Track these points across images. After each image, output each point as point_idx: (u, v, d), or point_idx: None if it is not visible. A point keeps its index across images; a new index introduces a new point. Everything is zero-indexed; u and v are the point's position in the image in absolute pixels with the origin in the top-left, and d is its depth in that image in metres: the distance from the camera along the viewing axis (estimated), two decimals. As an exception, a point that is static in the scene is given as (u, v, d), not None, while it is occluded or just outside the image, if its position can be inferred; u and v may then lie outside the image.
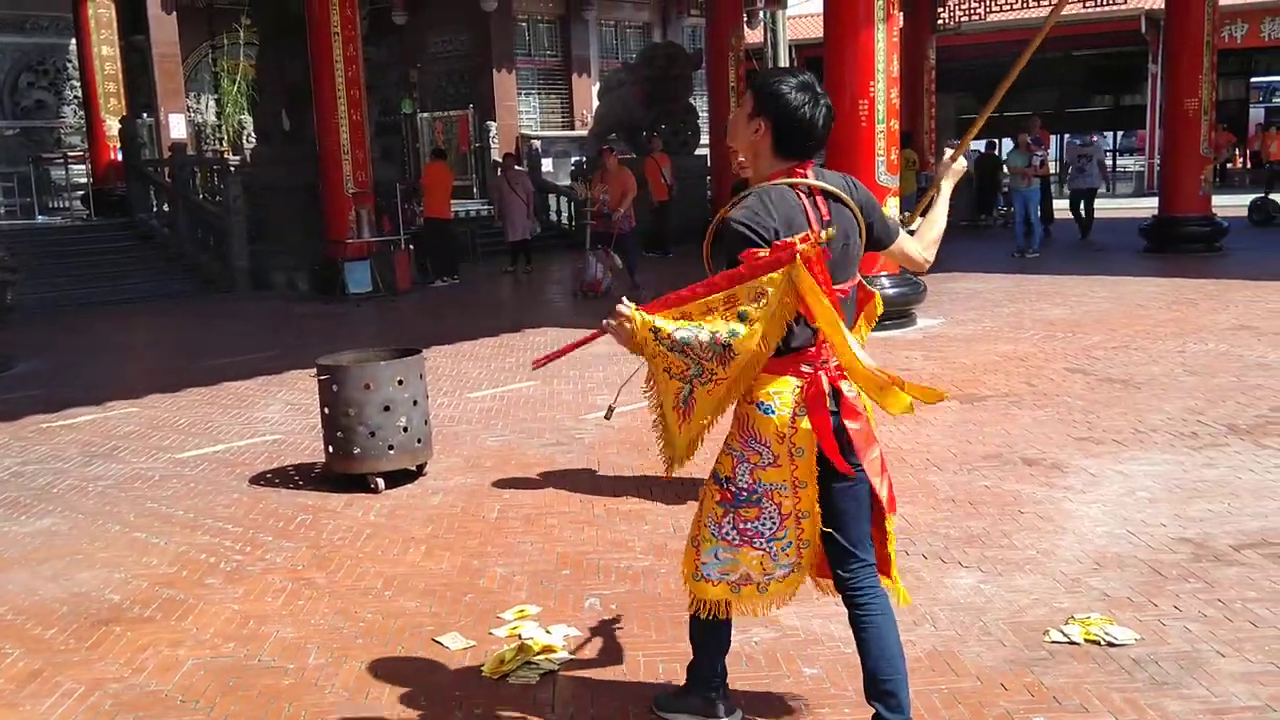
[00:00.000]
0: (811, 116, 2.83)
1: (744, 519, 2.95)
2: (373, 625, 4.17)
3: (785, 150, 2.87)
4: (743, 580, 3.02)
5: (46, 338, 11.99)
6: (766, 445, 2.88)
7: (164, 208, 17.49)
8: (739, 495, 2.95)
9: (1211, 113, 15.46)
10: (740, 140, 2.93)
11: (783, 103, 2.83)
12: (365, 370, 5.86)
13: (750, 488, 2.93)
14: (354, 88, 14.50)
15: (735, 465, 2.94)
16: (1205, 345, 8.77)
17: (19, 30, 21.06)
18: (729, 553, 3.00)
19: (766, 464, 2.89)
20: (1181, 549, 4.54)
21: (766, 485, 2.91)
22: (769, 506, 2.93)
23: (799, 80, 2.87)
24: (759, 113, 2.87)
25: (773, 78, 2.89)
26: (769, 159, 2.89)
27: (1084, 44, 28.57)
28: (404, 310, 13.70)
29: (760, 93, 2.87)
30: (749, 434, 2.91)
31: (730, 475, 2.95)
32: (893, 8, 10.00)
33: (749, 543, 2.97)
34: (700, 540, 3.05)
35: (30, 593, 4.68)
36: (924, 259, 3.12)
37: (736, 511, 2.96)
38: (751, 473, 2.92)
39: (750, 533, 2.96)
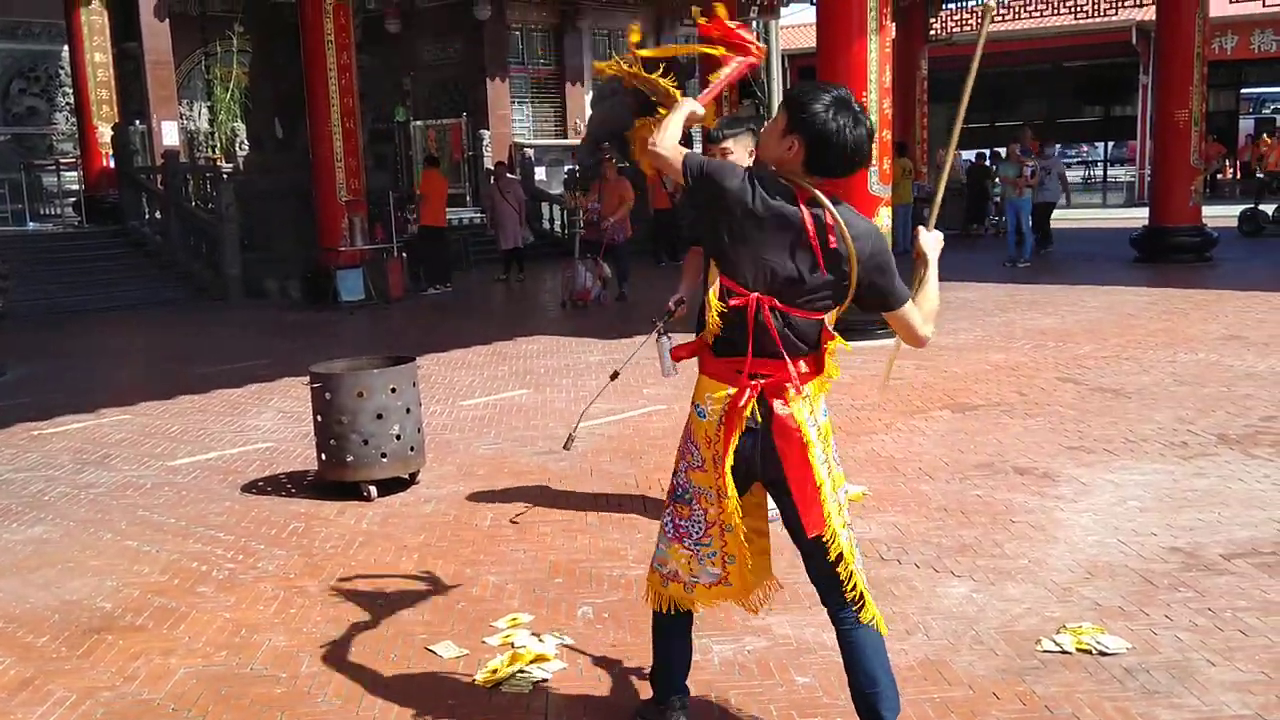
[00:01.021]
0: (852, 140, 2.73)
1: (679, 515, 3.04)
2: (365, 634, 4.16)
3: (816, 169, 2.79)
4: (672, 575, 3.09)
5: (38, 345, 11.96)
6: (697, 447, 2.96)
7: (156, 215, 17.47)
8: (676, 491, 3.05)
9: (1202, 124, 15.56)
10: (772, 154, 2.84)
11: (818, 124, 2.73)
12: (358, 378, 5.86)
13: (684, 486, 3.01)
14: (347, 96, 14.53)
15: (678, 461, 3.04)
16: (1195, 355, 8.80)
17: (11, 37, 21.05)
18: (665, 545, 3.09)
19: (695, 466, 2.96)
20: (1172, 558, 4.56)
21: (696, 488, 2.98)
22: (697, 510, 2.99)
23: (835, 97, 2.76)
24: (792, 130, 2.77)
25: (808, 95, 2.78)
26: (799, 174, 2.81)
27: (1075, 55, 28.75)
28: (396, 318, 13.70)
29: (794, 110, 2.77)
30: (687, 433, 3.00)
31: (677, 469, 3.05)
32: (885, 19, 10.05)
33: (679, 540, 3.04)
34: (658, 531, 3.16)
35: (21, 601, 4.67)
36: (925, 334, 2.94)
37: (675, 506, 3.06)
38: (686, 472, 3.00)
39: (682, 530, 3.04)
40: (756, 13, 22.67)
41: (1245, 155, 30.60)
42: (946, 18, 21.52)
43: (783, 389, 2.82)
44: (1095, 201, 30.76)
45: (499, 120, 24.09)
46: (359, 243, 14.70)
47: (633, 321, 10.85)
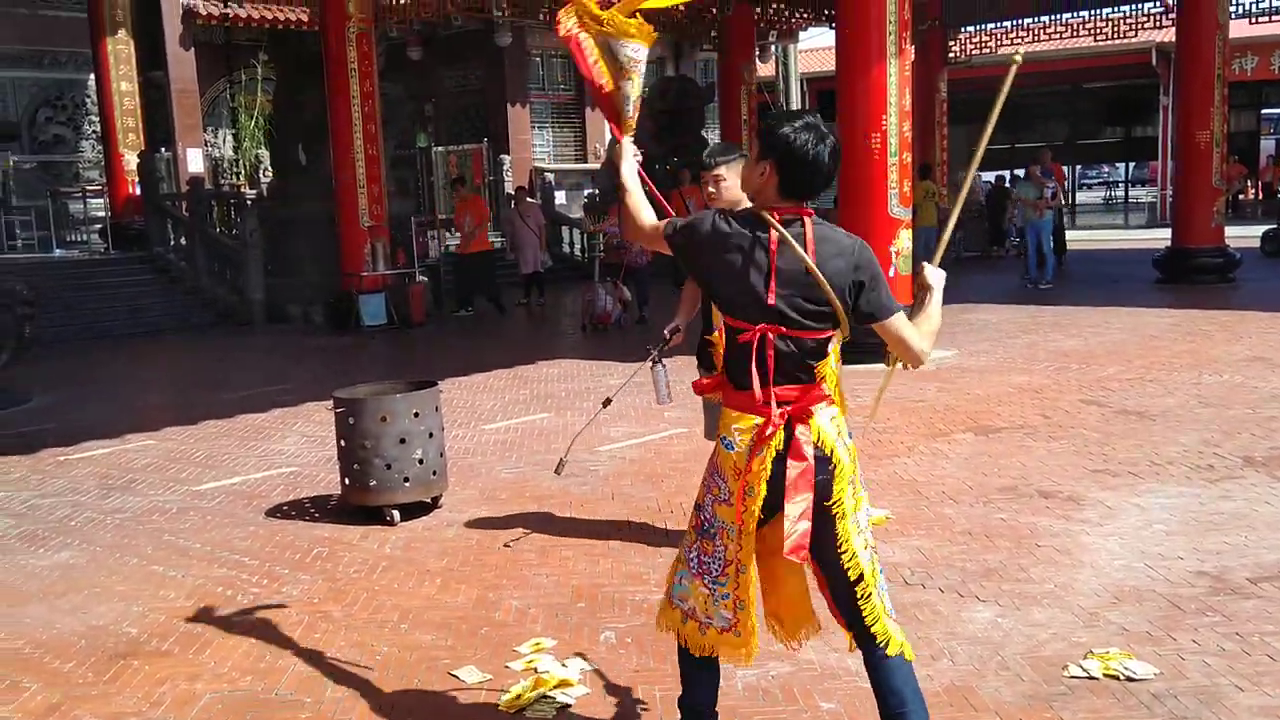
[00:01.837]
0: (815, 155, 2.82)
1: (704, 550, 3.00)
2: (389, 659, 4.17)
3: (789, 190, 2.86)
4: (690, 613, 3.05)
5: (64, 371, 12.07)
6: (724, 480, 2.92)
7: (181, 241, 17.62)
8: (703, 525, 3.01)
9: (1223, 145, 15.50)
10: (750, 185, 2.95)
11: (786, 143, 2.82)
12: (381, 403, 5.90)
13: (709, 520, 2.98)
14: (370, 122, 14.65)
15: (705, 494, 3.01)
16: (1220, 377, 8.74)
17: (38, 65, 21.33)
18: (688, 580, 3.04)
19: (722, 499, 2.93)
20: (1199, 582, 4.52)
21: (720, 522, 2.95)
22: (719, 546, 2.96)
23: (804, 121, 2.86)
24: (765, 155, 2.87)
25: (776, 121, 2.90)
26: (774, 199, 2.88)
27: (1095, 77, 28.69)
28: (418, 343, 13.76)
29: (765, 136, 2.89)
30: (713, 466, 2.97)
31: (701, 503, 3.02)
32: (904, 42, 10.08)
33: (701, 576, 3.01)
34: (678, 560, 3.11)
35: (48, 626, 4.70)
36: (921, 349, 2.92)
37: (700, 541, 3.01)
38: (712, 506, 2.97)
39: (704, 566, 3.00)
40: (775, 37, 22.77)
41: (1267, 176, 30.45)
42: (965, 40, 21.54)
43: (808, 413, 2.85)
44: (1117, 222, 30.64)
45: (520, 145, 24.23)
46: (381, 268, 14.78)
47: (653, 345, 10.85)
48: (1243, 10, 17.54)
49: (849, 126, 10.10)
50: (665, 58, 27.22)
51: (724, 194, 4.91)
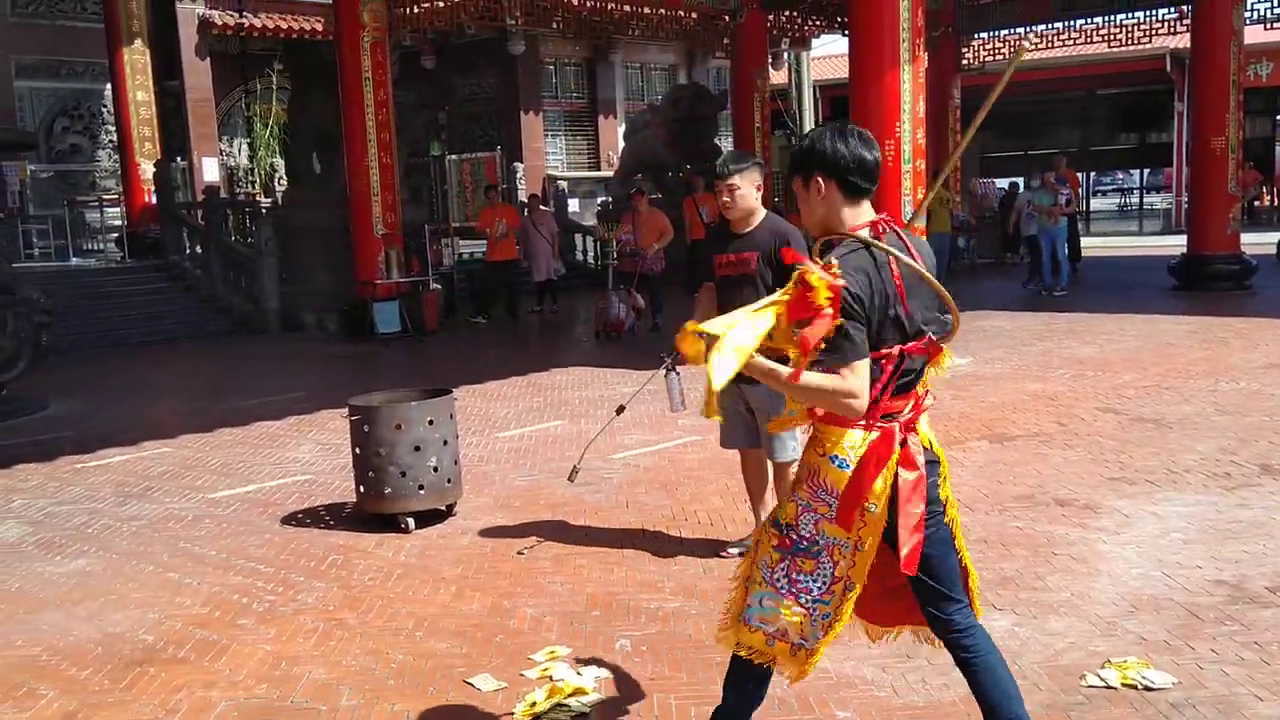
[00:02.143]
0: (851, 146, 2.82)
1: (798, 569, 2.89)
2: (404, 666, 4.18)
3: (853, 191, 2.84)
4: (779, 635, 2.93)
5: (81, 379, 12.13)
6: (837, 497, 2.82)
7: (197, 250, 17.70)
8: (798, 544, 2.89)
9: (1238, 151, 15.44)
10: (817, 212, 2.88)
11: (824, 152, 2.83)
12: (396, 411, 5.91)
13: (812, 538, 2.87)
14: (384, 131, 14.70)
15: (800, 514, 2.89)
16: (1237, 384, 8.70)
17: (55, 75, 21.47)
18: (773, 600, 2.91)
19: (833, 517, 2.84)
20: (1217, 591, 4.50)
21: (829, 539, 2.85)
22: (825, 563, 2.87)
23: (820, 130, 2.90)
24: (810, 174, 2.85)
25: (802, 141, 2.92)
26: (843, 207, 2.85)
27: (1109, 83, 28.62)
28: (433, 350, 13.78)
29: (802, 160, 2.88)
30: (819, 485, 2.85)
31: (793, 523, 2.89)
32: (918, 49, 10.08)
33: (795, 597, 2.89)
34: (751, 581, 2.98)
35: (65, 633, 4.72)
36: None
37: (793, 560, 2.89)
38: (816, 524, 2.86)
39: (800, 586, 2.89)
40: (788, 44, 22.76)
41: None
42: (979, 47, 21.49)
43: (914, 423, 2.87)
44: (1131, 229, 30.53)
45: (532, 153, 24.27)
46: (395, 276, 14.82)
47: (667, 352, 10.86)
48: (1258, 16, 17.46)
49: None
50: (678, 65, 27.26)
51: (738, 203, 4.92)
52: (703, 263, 5.24)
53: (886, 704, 3.67)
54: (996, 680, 2.93)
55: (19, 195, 19.86)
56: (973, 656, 2.93)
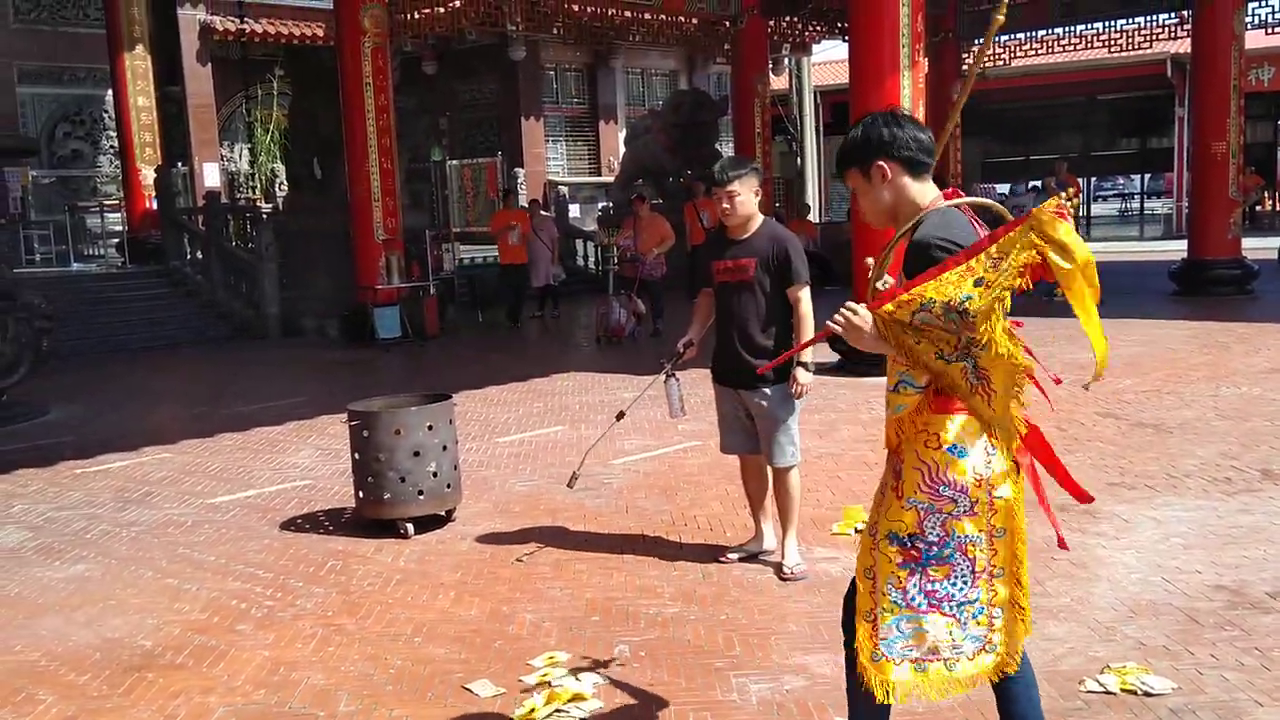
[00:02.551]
0: (905, 125, 2.79)
1: (932, 579, 2.67)
2: (403, 672, 4.17)
3: (918, 169, 2.79)
4: (929, 655, 2.69)
5: (81, 384, 12.14)
6: (964, 491, 2.64)
7: (198, 255, 17.71)
8: (927, 552, 2.67)
9: (1239, 156, 15.45)
10: (882, 207, 2.83)
11: (881, 136, 2.78)
12: (396, 416, 5.91)
13: (941, 541, 2.66)
14: (385, 136, 14.70)
15: (922, 519, 2.67)
16: (1238, 389, 8.69)
17: (56, 81, 21.51)
18: (913, 623, 2.68)
19: (962, 512, 2.65)
20: (1217, 596, 4.49)
21: (960, 538, 2.66)
22: (961, 563, 2.67)
23: (872, 119, 2.83)
24: (868, 163, 2.80)
25: (853, 133, 2.84)
26: (913, 185, 2.80)
27: (1109, 88, 28.63)
28: (433, 356, 13.78)
29: (860, 150, 2.81)
30: (939, 481, 2.65)
31: (916, 532, 2.67)
32: (918, 54, 10.08)
33: (937, 608, 2.67)
34: (879, 612, 2.71)
35: (63, 639, 4.72)
36: None
37: (924, 571, 2.68)
38: (944, 524, 2.66)
39: (939, 595, 2.67)
40: (789, 50, 22.79)
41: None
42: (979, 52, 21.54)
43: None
44: (1132, 234, 30.54)
45: (533, 158, 24.31)
46: (396, 281, 14.83)
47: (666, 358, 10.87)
48: (1259, 21, 17.48)
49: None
50: (679, 71, 27.29)
51: (738, 209, 4.92)
52: (701, 269, 5.24)
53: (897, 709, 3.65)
54: (1029, 709, 2.82)
55: (21, 201, 19.89)
56: (1014, 676, 2.78)
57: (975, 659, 2.70)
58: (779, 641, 4.25)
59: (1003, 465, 2.67)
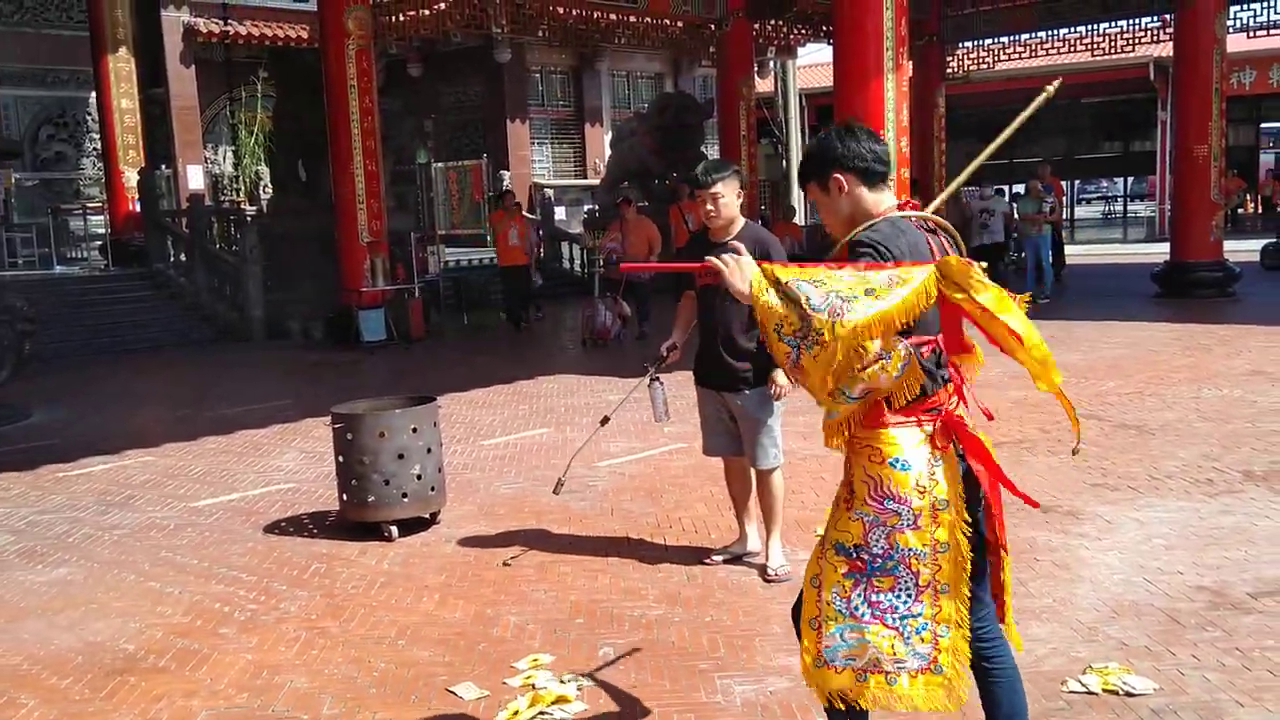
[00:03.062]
0: (860, 138, 2.87)
1: (876, 589, 2.70)
2: (387, 675, 4.16)
3: (874, 179, 2.86)
4: (870, 667, 2.70)
5: (64, 387, 12.07)
6: (906, 503, 2.68)
7: (181, 257, 17.64)
8: (872, 564, 2.70)
9: (1222, 159, 15.55)
10: (840, 217, 2.89)
11: (838, 149, 2.85)
12: (380, 419, 5.89)
13: (886, 554, 2.69)
14: (370, 138, 14.68)
15: (867, 530, 2.70)
16: (1220, 391, 8.74)
17: (39, 83, 21.42)
18: (856, 632, 2.70)
19: (906, 525, 2.67)
20: (1199, 597, 4.51)
21: (904, 550, 2.68)
22: (905, 576, 2.69)
23: (827, 133, 2.91)
24: (826, 175, 2.86)
25: (811, 147, 2.94)
26: (866, 194, 2.86)
27: (1093, 91, 28.76)
28: (417, 358, 13.76)
29: (815, 163, 2.90)
30: (884, 494, 2.69)
31: (861, 543, 2.70)
32: (902, 58, 10.12)
33: (880, 619, 2.69)
34: (823, 620, 2.75)
35: (45, 642, 4.69)
36: None
37: (869, 582, 2.70)
38: (888, 536, 2.69)
39: (883, 607, 2.69)
40: (774, 53, 22.83)
41: (1266, 190, 30.52)
42: (963, 56, 21.59)
43: (959, 411, 2.81)
44: (1115, 237, 30.71)
45: (519, 161, 24.29)
46: (381, 283, 14.80)
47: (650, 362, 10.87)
48: (1241, 25, 17.60)
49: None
50: (664, 74, 27.31)
51: (721, 211, 4.93)
52: (684, 272, 5.24)
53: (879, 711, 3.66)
54: (1014, 702, 2.86)
55: (4, 203, 19.80)
56: (994, 668, 2.86)
57: (918, 678, 2.69)
58: (763, 643, 4.26)
59: (944, 478, 2.71)
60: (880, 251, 2.68)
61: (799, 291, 2.54)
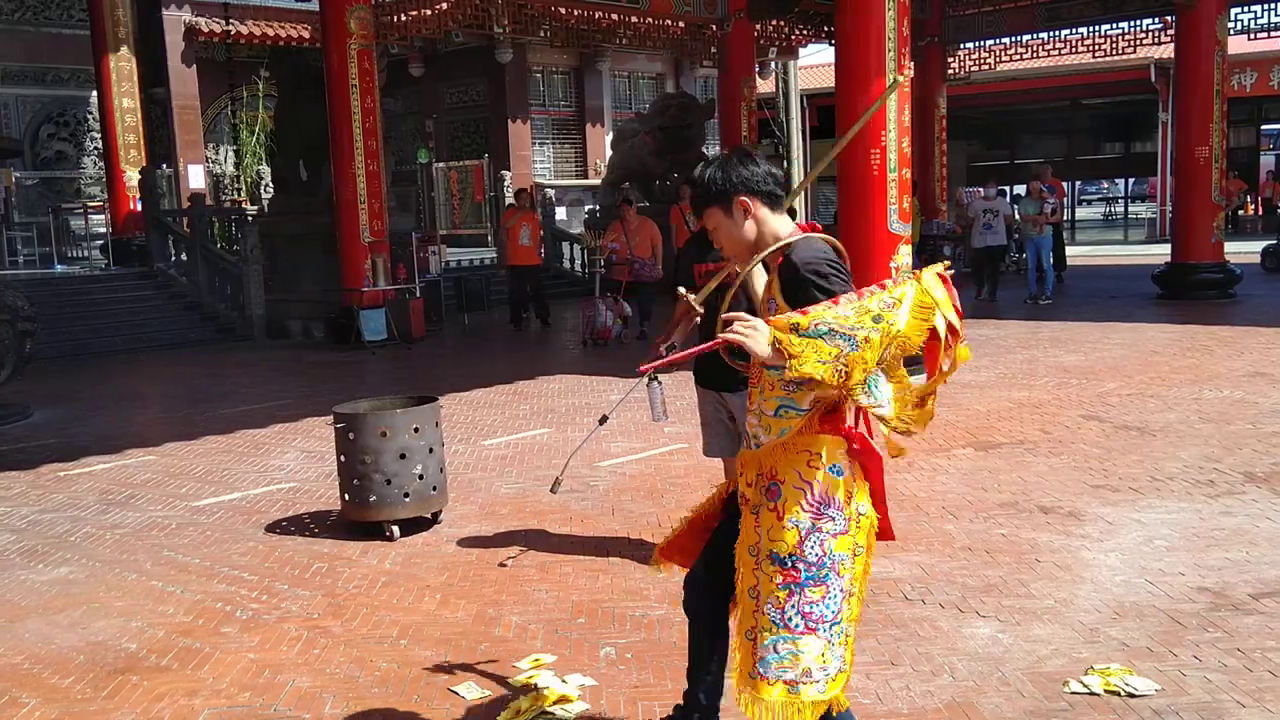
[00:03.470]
0: (762, 167, 2.97)
1: (809, 600, 2.74)
2: (388, 674, 4.17)
3: (776, 203, 2.97)
4: (803, 677, 2.74)
5: (65, 386, 12.07)
6: (840, 509, 2.76)
7: (182, 257, 17.65)
8: (806, 573, 2.74)
9: (1223, 160, 15.55)
10: (744, 235, 2.97)
11: (742, 175, 2.94)
12: (381, 418, 5.89)
13: (819, 562, 2.74)
14: (371, 138, 14.67)
15: (803, 539, 2.74)
16: (1221, 392, 8.74)
17: (40, 82, 21.42)
18: (789, 643, 2.74)
19: (838, 531, 2.75)
20: (1200, 598, 4.52)
21: (836, 556, 2.75)
22: (835, 582, 2.75)
23: (721, 162, 3.00)
24: (729, 199, 2.94)
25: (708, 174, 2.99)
26: (770, 216, 2.96)
27: (1093, 93, 28.78)
28: (419, 358, 13.76)
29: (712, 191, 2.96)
30: (820, 500, 2.75)
31: (796, 552, 2.74)
32: (903, 58, 10.11)
33: (814, 630, 2.74)
34: (759, 630, 2.79)
35: (47, 641, 4.69)
36: None
37: (802, 592, 2.74)
38: (822, 544, 2.74)
39: (815, 617, 2.74)
40: (775, 53, 22.82)
41: (1267, 191, 30.51)
42: (965, 57, 21.58)
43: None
44: (1116, 238, 30.70)
45: (520, 161, 24.29)
46: (382, 283, 14.80)
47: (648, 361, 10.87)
48: (1242, 26, 17.59)
49: (850, 142, 10.13)
50: (665, 74, 27.31)
51: None
52: (682, 272, 5.23)
53: (871, 711, 3.67)
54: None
55: (4, 202, 19.79)
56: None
57: (836, 679, 2.78)
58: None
59: (860, 486, 2.81)
60: (836, 268, 2.82)
61: (825, 328, 2.59)
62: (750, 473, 2.91)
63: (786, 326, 2.61)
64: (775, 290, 2.91)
